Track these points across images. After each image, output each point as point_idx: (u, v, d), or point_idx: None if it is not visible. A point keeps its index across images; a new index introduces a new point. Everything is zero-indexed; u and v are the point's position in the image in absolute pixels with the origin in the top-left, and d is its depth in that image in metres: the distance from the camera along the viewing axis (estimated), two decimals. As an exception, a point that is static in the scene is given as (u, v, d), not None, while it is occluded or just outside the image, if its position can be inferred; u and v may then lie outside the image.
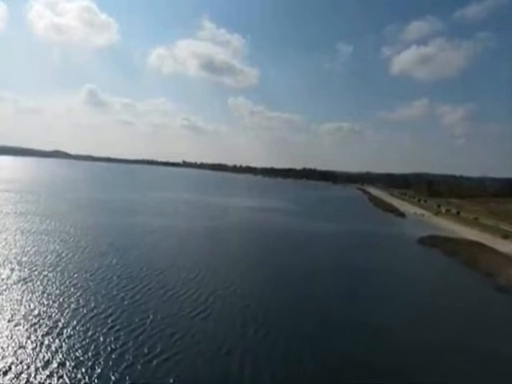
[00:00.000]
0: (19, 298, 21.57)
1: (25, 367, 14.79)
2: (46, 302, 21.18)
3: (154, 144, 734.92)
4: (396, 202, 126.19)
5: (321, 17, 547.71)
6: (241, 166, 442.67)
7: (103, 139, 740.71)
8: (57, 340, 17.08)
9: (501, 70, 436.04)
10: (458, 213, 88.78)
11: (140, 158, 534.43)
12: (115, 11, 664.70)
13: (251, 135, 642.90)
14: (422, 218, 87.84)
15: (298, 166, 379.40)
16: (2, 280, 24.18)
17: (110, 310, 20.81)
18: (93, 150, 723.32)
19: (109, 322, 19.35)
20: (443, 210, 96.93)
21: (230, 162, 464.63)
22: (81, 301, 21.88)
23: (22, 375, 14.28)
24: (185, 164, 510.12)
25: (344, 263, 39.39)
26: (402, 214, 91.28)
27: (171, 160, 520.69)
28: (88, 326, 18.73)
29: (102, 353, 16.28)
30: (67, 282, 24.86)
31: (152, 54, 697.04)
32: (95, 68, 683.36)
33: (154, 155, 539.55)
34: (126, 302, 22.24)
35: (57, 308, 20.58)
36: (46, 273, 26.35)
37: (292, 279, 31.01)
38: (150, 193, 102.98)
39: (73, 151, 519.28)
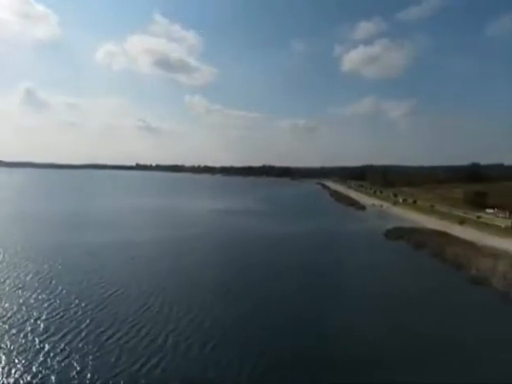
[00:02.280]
0: None
1: None
2: None
3: (105, 147, 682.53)
4: (355, 195, 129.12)
5: (276, 14, 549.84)
6: (199, 166, 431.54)
7: (45, 143, 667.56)
8: None
9: (437, 68, 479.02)
10: (415, 202, 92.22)
11: (89, 162, 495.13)
12: (53, 2, 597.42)
13: (209, 134, 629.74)
14: (381, 210, 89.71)
15: (257, 164, 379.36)
16: None
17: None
18: (33, 155, 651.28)
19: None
20: (400, 200, 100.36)
21: (188, 163, 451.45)
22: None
23: None
24: (139, 167, 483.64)
25: (314, 264, 37.26)
26: (362, 207, 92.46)
27: (124, 163, 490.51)
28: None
29: None
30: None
31: (99, 50, 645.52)
32: (33, 65, 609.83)
33: (106, 159, 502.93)
34: (49, 363, 16.37)
35: None
36: None
37: (263, 296, 26.91)
38: (96, 201, 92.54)
39: (8, 158, 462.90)
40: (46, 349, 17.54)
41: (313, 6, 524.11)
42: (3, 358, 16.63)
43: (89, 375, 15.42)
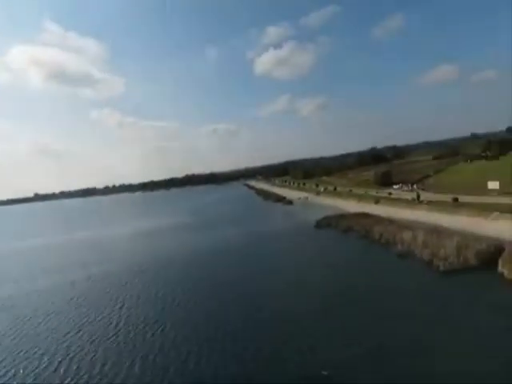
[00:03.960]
0: None
1: None
2: None
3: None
4: (281, 191, 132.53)
5: (187, 21, 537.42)
6: (114, 186, 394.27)
7: None
8: None
9: (338, 66, 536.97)
10: (335, 189, 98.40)
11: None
12: None
13: (124, 149, 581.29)
14: (307, 201, 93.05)
15: (180, 174, 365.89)
16: None
17: None
18: None
19: None
20: (322, 189, 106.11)
21: (101, 184, 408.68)
22: None
23: None
24: (39, 197, 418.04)
25: (257, 268, 35.70)
26: (290, 202, 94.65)
27: (17, 196, 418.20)
28: None
29: None
30: None
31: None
32: None
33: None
34: None
35: None
36: None
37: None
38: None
39: None
40: None
41: (222, 12, 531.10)
42: None
43: None
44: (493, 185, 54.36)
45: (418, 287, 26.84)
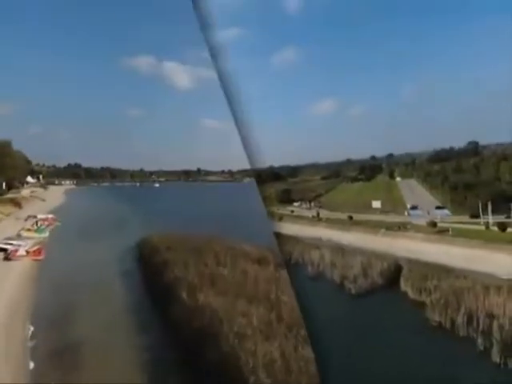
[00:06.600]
0: None
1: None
2: None
3: None
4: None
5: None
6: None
7: None
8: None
9: (238, 88, 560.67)
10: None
11: None
12: None
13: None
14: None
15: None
16: None
17: None
18: None
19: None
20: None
21: None
22: None
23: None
24: None
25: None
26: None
27: None
28: None
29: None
30: None
31: None
32: None
33: None
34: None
35: None
36: None
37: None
38: None
39: None
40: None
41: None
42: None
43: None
44: (376, 204, 61.63)
45: (334, 314, 25.58)
